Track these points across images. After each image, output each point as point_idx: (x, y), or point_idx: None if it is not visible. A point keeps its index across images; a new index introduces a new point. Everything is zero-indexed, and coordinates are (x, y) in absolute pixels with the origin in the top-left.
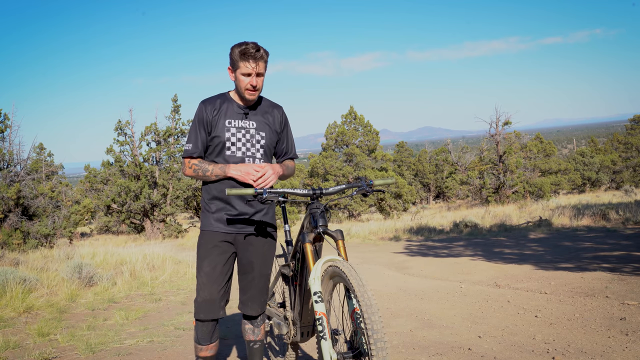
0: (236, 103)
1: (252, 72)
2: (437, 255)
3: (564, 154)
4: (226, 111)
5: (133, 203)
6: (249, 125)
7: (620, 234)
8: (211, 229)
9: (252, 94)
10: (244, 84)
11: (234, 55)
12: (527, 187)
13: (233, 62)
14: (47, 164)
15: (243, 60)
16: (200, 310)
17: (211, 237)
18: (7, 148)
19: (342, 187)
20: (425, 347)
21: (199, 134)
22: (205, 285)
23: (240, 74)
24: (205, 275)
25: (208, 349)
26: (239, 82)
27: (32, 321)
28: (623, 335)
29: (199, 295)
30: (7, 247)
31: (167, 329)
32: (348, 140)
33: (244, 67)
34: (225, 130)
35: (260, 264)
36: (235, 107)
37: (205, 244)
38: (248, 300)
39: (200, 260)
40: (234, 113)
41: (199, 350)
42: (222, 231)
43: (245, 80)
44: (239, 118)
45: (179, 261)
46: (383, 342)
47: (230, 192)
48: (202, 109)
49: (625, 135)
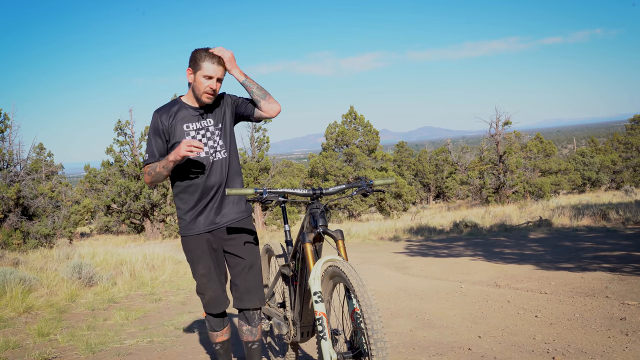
0: (190, 107)
1: (214, 76)
2: (437, 255)
3: (564, 154)
4: (183, 117)
5: (133, 203)
6: (208, 123)
7: (621, 234)
8: (189, 233)
9: (210, 97)
10: (204, 87)
11: (198, 56)
12: (527, 187)
13: (195, 63)
14: (47, 164)
15: (207, 62)
16: (210, 307)
17: (194, 242)
18: (7, 148)
19: (342, 187)
20: (425, 347)
21: (154, 143)
22: (207, 285)
23: (202, 75)
24: (203, 277)
25: (223, 334)
26: (198, 85)
27: (32, 321)
28: (623, 335)
29: (205, 295)
30: (7, 247)
31: (167, 329)
32: (348, 140)
33: (207, 69)
34: (184, 135)
35: (247, 254)
36: (190, 110)
37: (191, 250)
38: (244, 293)
39: (192, 265)
40: (189, 117)
41: (215, 337)
42: (200, 232)
43: (205, 82)
44: (195, 120)
45: (179, 261)
46: (383, 342)
47: (230, 192)
48: (157, 118)
49: (625, 135)
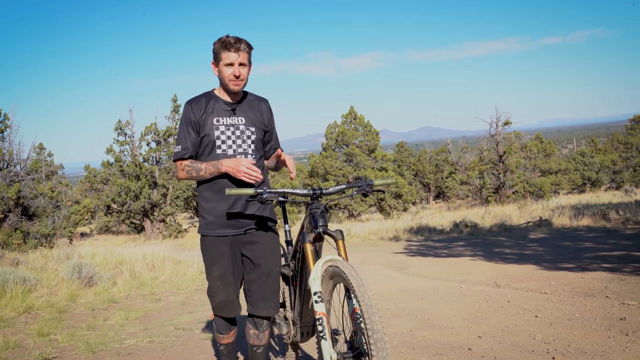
0: (222, 100)
1: (235, 61)
2: (437, 255)
3: (564, 154)
4: (213, 109)
5: (133, 203)
6: (238, 122)
7: (621, 234)
8: (211, 233)
9: (237, 84)
10: (228, 75)
11: (216, 47)
12: (527, 187)
13: (215, 55)
14: (47, 164)
15: (225, 51)
16: (219, 310)
17: (213, 242)
18: (7, 148)
19: (342, 187)
20: (425, 347)
21: (187, 134)
22: (219, 288)
23: (223, 65)
24: (217, 279)
25: (229, 337)
26: (223, 74)
27: (32, 321)
28: (623, 335)
29: (216, 298)
30: (7, 247)
31: (167, 329)
32: (348, 140)
33: (226, 57)
34: (214, 129)
35: (265, 261)
36: (221, 104)
37: (209, 250)
38: (259, 300)
39: (208, 265)
40: (221, 110)
41: (221, 339)
42: (222, 234)
43: (228, 70)
44: (226, 115)
45: (179, 261)
46: (383, 342)
47: (230, 192)
48: (189, 109)
49: (625, 135)
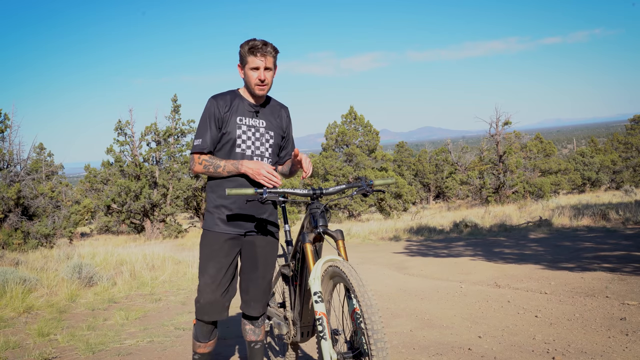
0: (247, 101)
1: (260, 66)
2: (437, 255)
3: (564, 154)
4: (237, 108)
5: (133, 203)
6: (259, 124)
7: (621, 234)
8: (216, 229)
9: (261, 88)
10: (253, 79)
11: (243, 51)
12: (527, 187)
13: (242, 58)
14: (47, 164)
15: (251, 55)
16: (203, 312)
17: (216, 237)
18: (7, 148)
19: (342, 187)
20: (425, 347)
21: (209, 129)
22: (209, 287)
23: (249, 68)
24: (210, 277)
25: (206, 346)
26: (248, 78)
27: (32, 321)
28: (623, 335)
29: (201, 297)
30: (7, 247)
31: (167, 329)
32: (348, 140)
33: (252, 61)
34: (236, 128)
35: (263, 265)
36: (246, 104)
37: (209, 245)
38: (251, 300)
39: (204, 261)
40: (245, 111)
41: (197, 347)
42: (227, 232)
43: (254, 75)
44: (249, 116)
45: (179, 261)
46: (383, 342)
47: (230, 192)
48: (214, 104)
49: (625, 135)
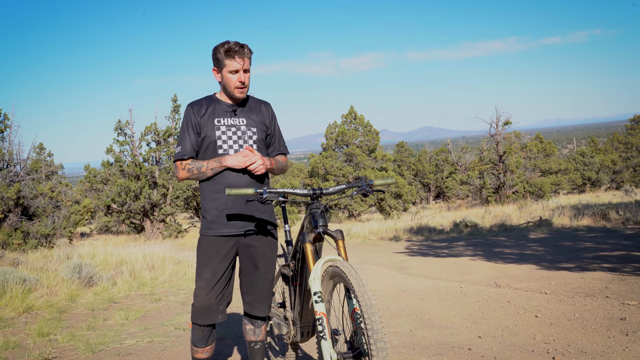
0: (224, 102)
1: (239, 68)
2: (437, 255)
3: (564, 154)
4: (214, 110)
5: (133, 203)
6: (239, 123)
7: (621, 234)
8: (211, 233)
9: (242, 91)
10: (233, 82)
11: (219, 54)
12: (527, 187)
13: (218, 62)
14: (47, 164)
15: (229, 58)
16: (197, 316)
17: (211, 242)
18: (7, 148)
19: (342, 187)
20: (425, 347)
21: (188, 136)
22: (204, 290)
23: (228, 72)
24: (205, 281)
25: (204, 352)
26: (228, 81)
27: (32, 321)
28: (623, 335)
29: (196, 301)
30: (7, 247)
31: (167, 329)
32: (348, 140)
33: (230, 64)
34: (215, 129)
35: (263, 264)
36: (223, 106)
37: (205, 250)
38: (255, 301)
39: (200, 266)
40: (222, 112)
41: (195, 352)
42: (222, 234)
43: (233, 77)
44: (228, 116)
45: (179, 261)
46: (383, 342)
47: (230, 192)
48: (190, 111)
49: (625, 135)
